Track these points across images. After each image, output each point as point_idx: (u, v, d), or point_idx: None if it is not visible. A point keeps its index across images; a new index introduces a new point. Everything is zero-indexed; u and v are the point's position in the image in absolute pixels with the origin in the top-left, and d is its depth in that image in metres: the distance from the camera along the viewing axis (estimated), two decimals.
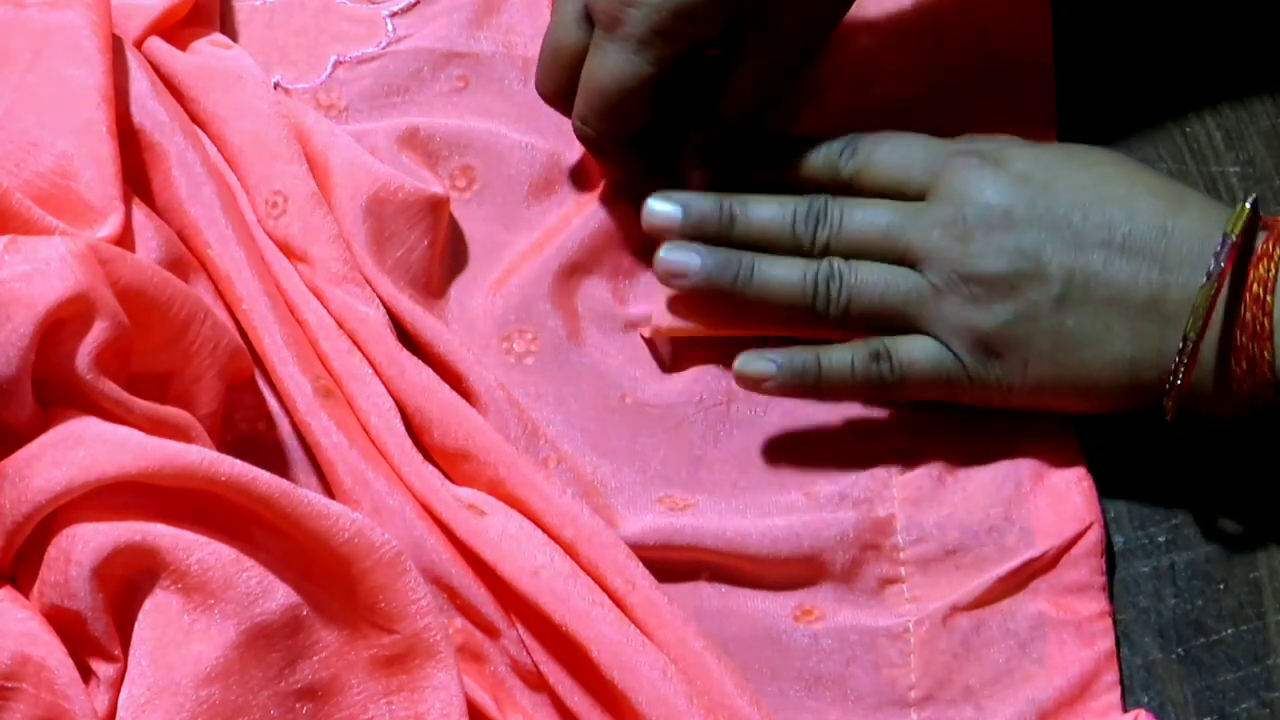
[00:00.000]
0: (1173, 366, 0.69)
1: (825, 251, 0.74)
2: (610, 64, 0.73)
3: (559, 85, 0.76)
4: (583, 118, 0.75)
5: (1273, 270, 0.68)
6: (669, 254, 0.74)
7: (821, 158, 0.76)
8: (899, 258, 0.73)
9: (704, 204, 0.75)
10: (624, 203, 0.79)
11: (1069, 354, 0.71)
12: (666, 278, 0.74)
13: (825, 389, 0.73)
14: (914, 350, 0.73)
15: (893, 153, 0.75)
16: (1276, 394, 0.69)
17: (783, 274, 0.73)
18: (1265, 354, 0.68)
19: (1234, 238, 0.68)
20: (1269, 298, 0.68)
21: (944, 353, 0.72)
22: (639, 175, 0.77)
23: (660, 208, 0.75)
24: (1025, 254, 0.71)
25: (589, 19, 0.74)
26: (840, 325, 0.74)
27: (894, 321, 0.73)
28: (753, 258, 0.74)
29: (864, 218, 0.74)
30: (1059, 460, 0.74)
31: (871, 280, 0.73)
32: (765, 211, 0.75)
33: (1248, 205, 0.69)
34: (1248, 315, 0.68)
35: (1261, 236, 0.69)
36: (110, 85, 0.72)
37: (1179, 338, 0.69)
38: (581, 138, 0.76)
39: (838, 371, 0.73)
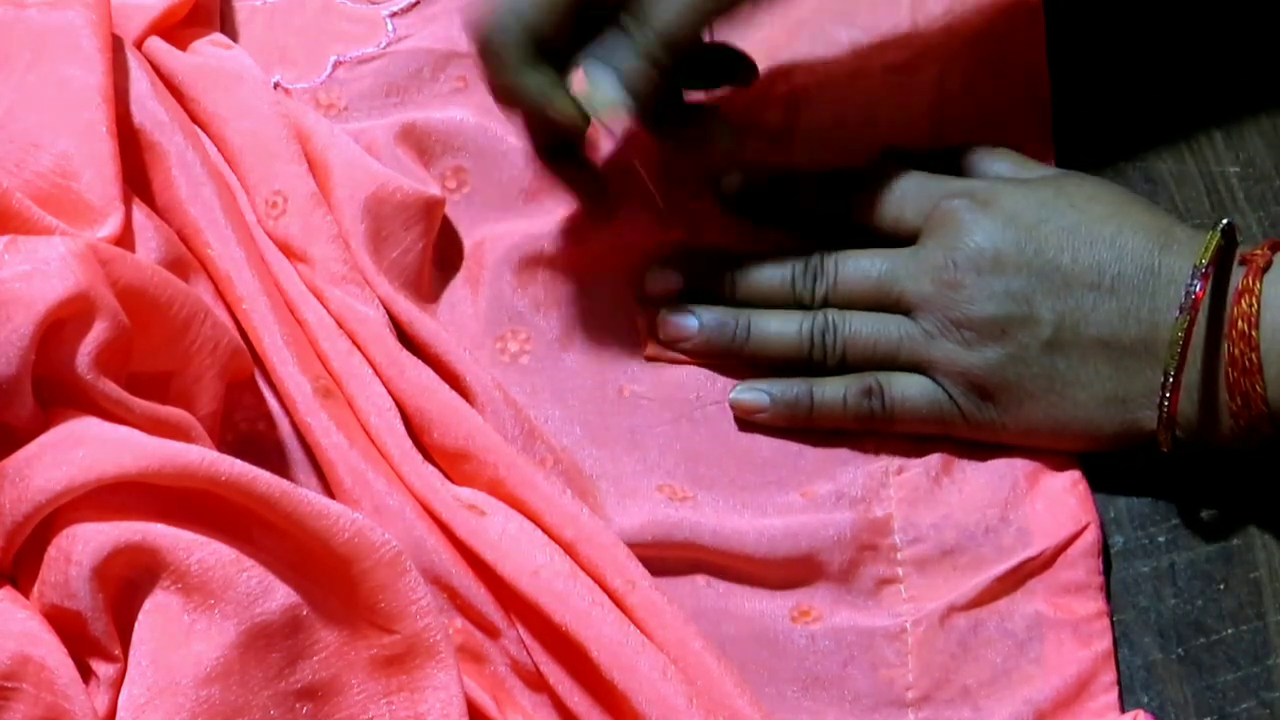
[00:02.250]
0: (1158, 400, 0.70)
1: (824, 304, 0.75)
2: None
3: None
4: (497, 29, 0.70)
5: (1255, 305, 0.69)
6: (669, 317, 0.76)
7: (824, 194, 0.77)
8: (893, 304, 0.74)
9: (706, 269, 0.77)
10: (618, 202, 0.79)
11: (1061, 395, 0.72)
12: (668, 341, 0.76)
13: (818, 420, 0.75)
14: (908, 388, 0.74)
15: (888, 193, 0.76)
16: (1273, 426, 0.70)
17: (779, 329, 0.75)
18: (1258, 388, 0.69)
19: (1204, 267, 0.69)
20: (1254, 333, 0.69)
21: (938, 391, 0.73)
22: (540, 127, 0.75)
23: (664, 273, 0.77)
24: (1015, 298, 0.72)
25: None
26: (837, 372, 0.75)
27: (889, 366, 0.74)
28: (749, 315, 0.76)
29: (857, 269, 0.75)
30: (1055, 461, 0.74)
31: (865, 330, 0.74)
32: (765, 273, 0.76)
33: (1219, 233, 0.70)
34: (1236, 351, 0.69)
35: (1240, 271, 0.70)
36: (110, 85, 0.72)
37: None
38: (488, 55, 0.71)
39: (830, 405, 0.74)
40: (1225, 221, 0.70)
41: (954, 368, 0.73)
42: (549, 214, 0.79)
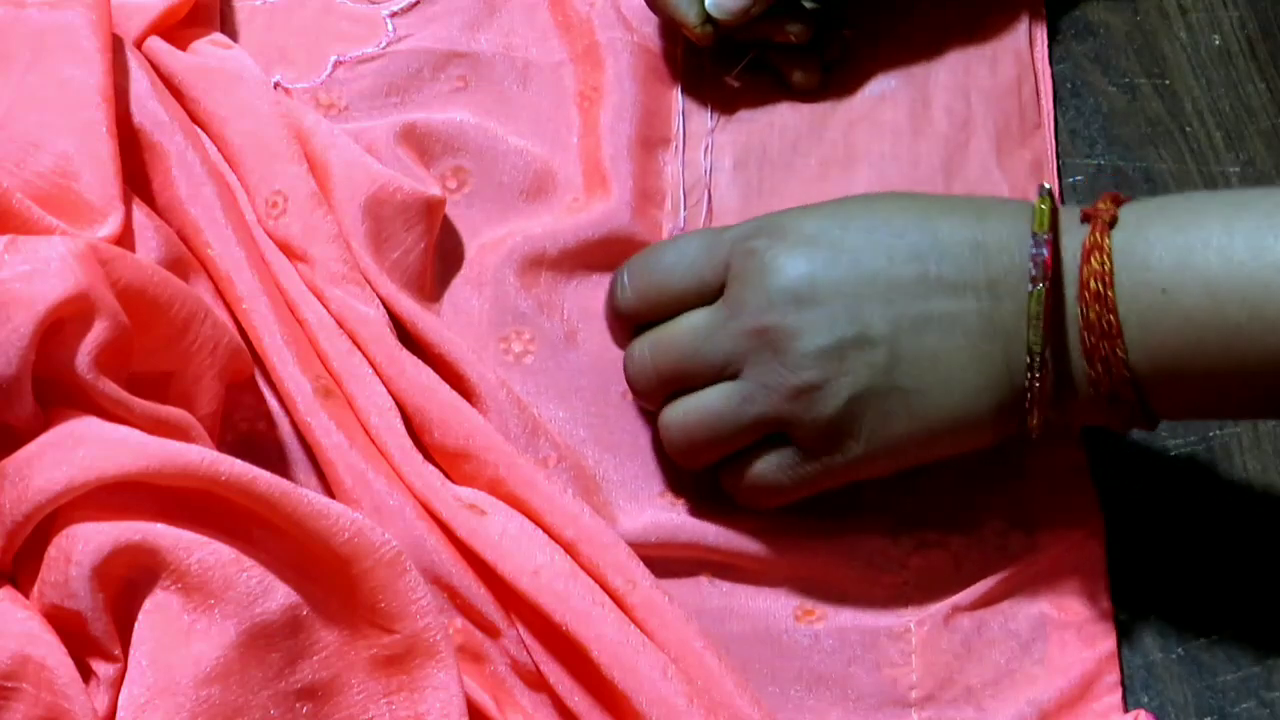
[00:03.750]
0: (1026, 382, 0.67)
1: (662, 383, 0.71)
2: None
3: None
4: None
5: (1107, 263, 0.65)
6: None
7: (618, 294, 0.73)
8: (719, 371, 0.70)
9: None
10: (620, 203, 0.79)
11: (923, 403, 0.67)
12: None
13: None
14: (762, 468, 0.70)
15: (676, 261, 0.71)
16: (1135, 391, 0.66)
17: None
18: (1118, 351, 0.65)
19: (1046, 233, 0.66)
20: (1110, 293, 0.65)
21: (790, 457, 0.70)
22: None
23: None
24: (840, 322, 0.67)
25: None
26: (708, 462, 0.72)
27: (748, 438, 0.70)
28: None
29: (675, 345, 0.70)
30: (1062, 462, 0.74)
31: (696, 414, 0.70)
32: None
33: (1047, 197, 0.67)
34: (1092, 315, 0.65)
35: (1085, 229, 0.66)
36: (110, 85, 0.72)
37: (1023, 351, 0.66)
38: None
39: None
40: (1044, 186, 0.67)
41: (805, 417, 0.68)
42: (550, 214, 0.79)
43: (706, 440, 0.71)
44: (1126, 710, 0.70)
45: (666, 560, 0.72)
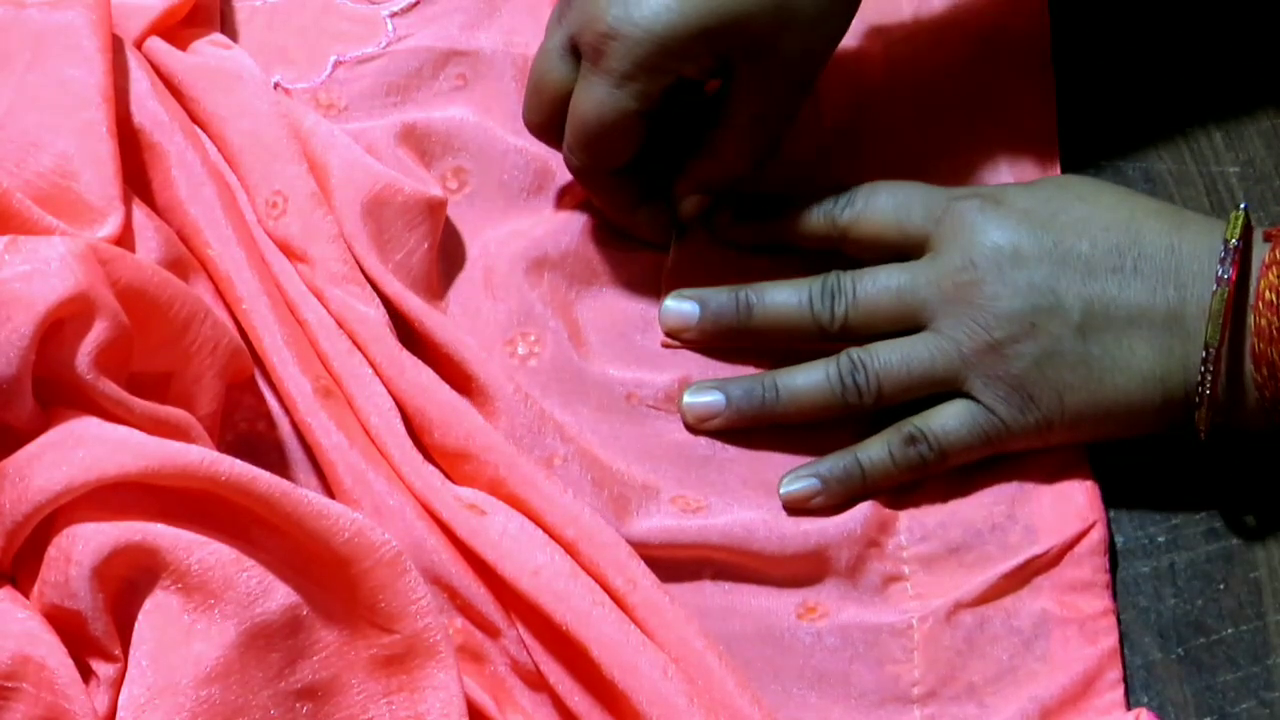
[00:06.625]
0: (1199, 378, 0.70)
1: (844, 324, 0.74)
2: (592, 98, 0.73)
3: (543, 118, 0.76)
4: (570, 148, 0.75)
5: None
6: (693, 399, 0.75)
7: (817, 211, 0.76)
8: (916, 316, 0.73)
9: (720, 298, 0.76)
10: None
11: (1100, 381, 0.71)
12: (697, 422, 0.75)
13: (873, 488, 0.73)
14: (947, 420, 0.73)
15: (890, 200, 0.75)
16: None
17: (806, 381, 0.74)
18: None
19: (1237, 242, 0.69)
20: None
21: (978, 411, 0.72)
22: (627, 207, 0.77)
23: (676, 306, 0.76)
24: (1039, 289, 0.71)
25: (574, 51, 0.74)
26: (875, 408, 0.74)
27: (926, 391, 0.73)
28: (774, 375, 0.75)
29: (875, 283, 0.74)
30: (1062, 458, 0.74)
31: (895, 358, 0.73)
32: (780, 297, 0.75)
33: (1243, 212, 0.70)
34: (1263, 322, 0.69)
35: (1268, 246, 0.70)
36: (110, 85, 0.72)
37: (1200, 349, 0.70)
38: (570, 168, 0.76)
39: (881, 467, 0.73)
40: (1244, 206, 0.70)
41: (991, 374, 0.72)
42: (553, 215, 0.79)
43: (903, 386, 0.73)
44: (1128, 707, 0.70)
45: (669, 560, 0.72)
